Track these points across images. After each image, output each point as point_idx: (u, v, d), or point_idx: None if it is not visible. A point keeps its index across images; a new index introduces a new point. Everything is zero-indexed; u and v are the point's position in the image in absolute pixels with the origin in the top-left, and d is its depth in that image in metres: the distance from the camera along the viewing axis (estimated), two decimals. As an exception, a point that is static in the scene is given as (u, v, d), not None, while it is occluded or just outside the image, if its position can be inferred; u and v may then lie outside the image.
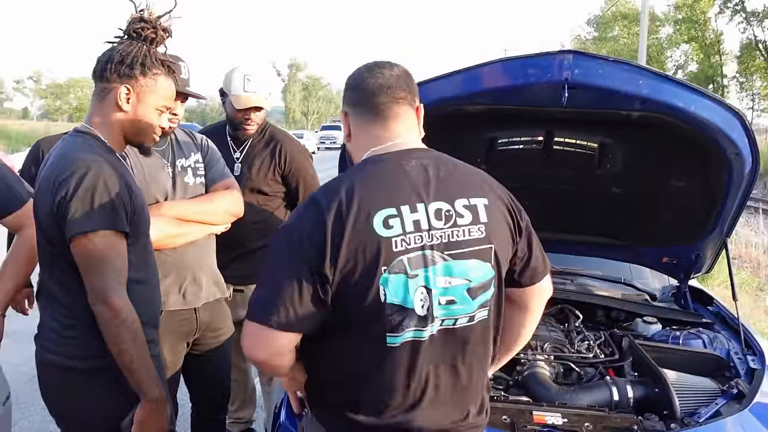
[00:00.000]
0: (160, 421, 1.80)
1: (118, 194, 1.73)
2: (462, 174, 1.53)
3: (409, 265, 1.40)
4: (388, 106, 1.51)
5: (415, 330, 1.43)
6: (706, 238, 2.84)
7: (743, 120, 2.33)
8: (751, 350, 2.52)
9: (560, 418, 2.04)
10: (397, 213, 1.40)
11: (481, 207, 1.48)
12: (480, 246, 1.46)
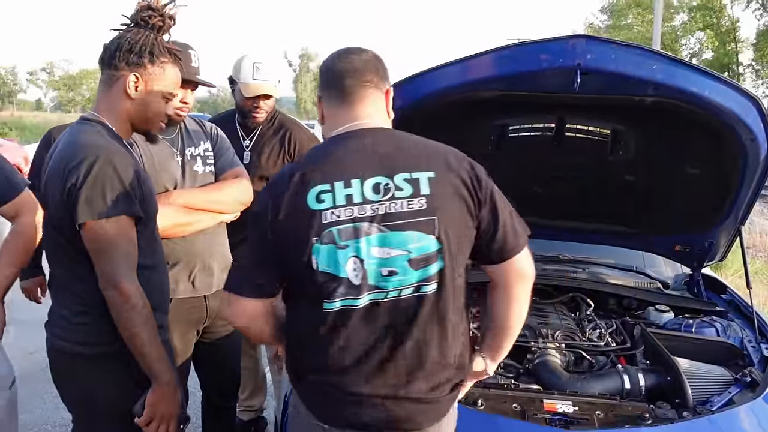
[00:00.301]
0: (172, 404, 1.83)
1: (128, 180, 1.74)
2: (411, 150, 1.57)
3: (338, 236, 1.50)
4: (354, 88, 1.59)
5: (349, 298, 1.52)
6: (720, 225, 2.81)
7: (759, 105, 2.29)
8: (765, 338, 2.50)
9: (571, 406, 2.03)
10: (330, 188, 1.50)
11: (424, 180, 1.51)
12: (420, 218, 1.50)
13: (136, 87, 1.83)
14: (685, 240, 2.99)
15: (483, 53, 2.26)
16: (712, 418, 1.97)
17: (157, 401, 1.80)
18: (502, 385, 2.21)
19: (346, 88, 1.60)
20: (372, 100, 1.61)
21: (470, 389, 2.10)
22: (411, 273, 1.50)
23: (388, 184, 1.51)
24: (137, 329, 1.72)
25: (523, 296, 1.62)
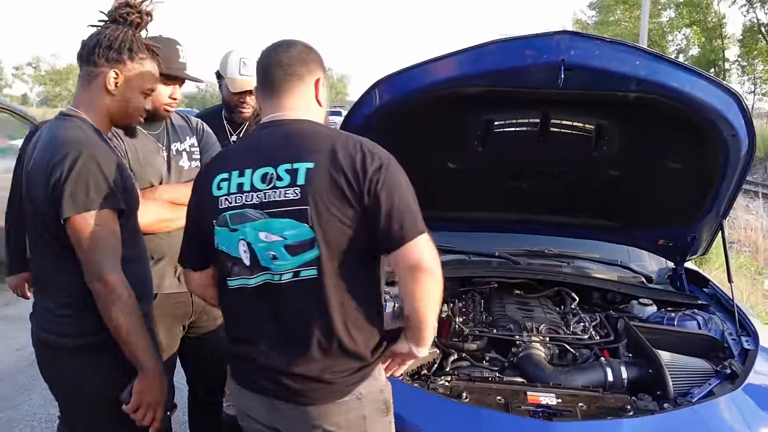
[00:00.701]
0: (158, 392, 1.87)
1: (110, 174, 1.78)
2: (301, 141, 1.65)
3: (230, 220, 1.66)
4: (279, 82, 1.71)
5: (243, 278, 1.68)
6: (702, 220, 2.84)
7: (740, 101, 2.32)
8: (746, 331, 2.54)
9: (554, 398, 2.06)
10: (228, 177, 1.67)
11: (303, 170, 1.59)
12: (293, 207, 1.59)
13: (115, 83, 1.87)
14: (668, 234, 3.02)
15: (468, 49, 2.27)
16: (692, 409, 2.00)
17: (144, 389, 1.84)
18: (487, 378, 2.23)
19: (272, 82, 1.71)
20: (297, 92, 1.72)
21: (455, 382, 2.15)
22: (288, 258, 1.61)
23: (272, 174, 1.62)
24: (123, 320, 1.76)
25: (419, 288, 1.60)
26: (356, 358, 1.65)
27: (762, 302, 6.47)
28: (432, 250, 1.61)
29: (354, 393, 1.66)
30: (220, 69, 3.12)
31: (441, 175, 2.90)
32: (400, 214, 1.58)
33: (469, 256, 3.30)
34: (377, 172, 1.59)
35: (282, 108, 1.71)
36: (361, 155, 1.60)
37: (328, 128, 1.71)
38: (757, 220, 10.36)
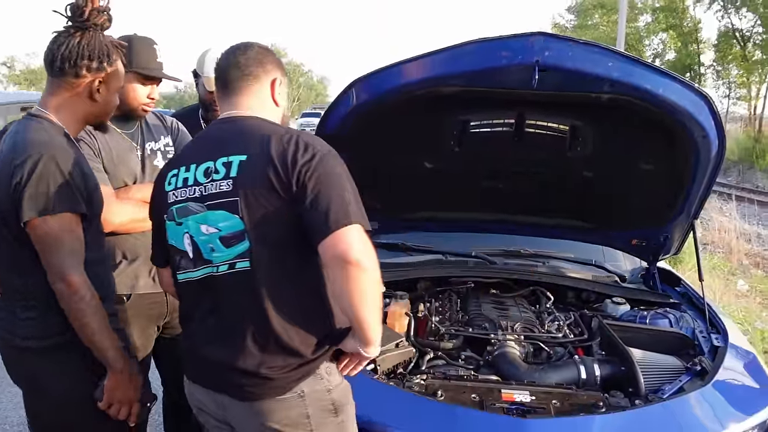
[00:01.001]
0: (129, 390, 1.88)
1: (72, 177, 1.77)
2: (240, 135, 1.69)
3: (176, 214, 1.71)
4: (234, 82, 1.76)
5: (189, 271, 1.71)
6: (674, 220, 2.89)
7: (710, 103, 2.36)
8: (715, 329, 2.58)
9: (528, 395, 2.08)
10: (177, 172, 1.73)
11: (236, 163, 1.63)
12: (225, 198, 1.62)
13: (98, 90, 1.88)
14: (642, 234, 3.07)
15: (444, 49, 2.28)
16: (662, 405, 2.04)
17: (114, 387, 1.85)
18: (462, 376, 2.24)
19: (228, 82, 1.77)
20: (252, 91, 1.77)
21: (430, 381, 2.16)
22: (224, 250, 1.64)
23: (212, 168, 1.66)
24: (87, 319, 1.76)
25: (349, 283, 1.54)
26: (294, 354, 1.63)
27: (735, 302, 6.58)
28: (364, 244, 1.55)
29: (295, 390, 1.65)
30: (197, 68, 3.10)
31: (418, 174, 2.92)
32: (327, 203, 1.55)
33: (445, 256, 3.32)
34: (308, 162, 1.58)
35: (236, 106, 1.76)
36: (294, 146, 1.60)
37: (273, 125, 1.72)
38: (731, 222, 10.53)
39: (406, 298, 2.79)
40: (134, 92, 2.36)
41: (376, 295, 1.61)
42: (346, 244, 1.52)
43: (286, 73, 1.85)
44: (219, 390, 1.69)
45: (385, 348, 2.26)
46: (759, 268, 8.49)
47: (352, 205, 1.58)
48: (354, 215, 1.56)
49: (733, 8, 28.27)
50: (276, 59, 1.82)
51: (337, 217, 1.54)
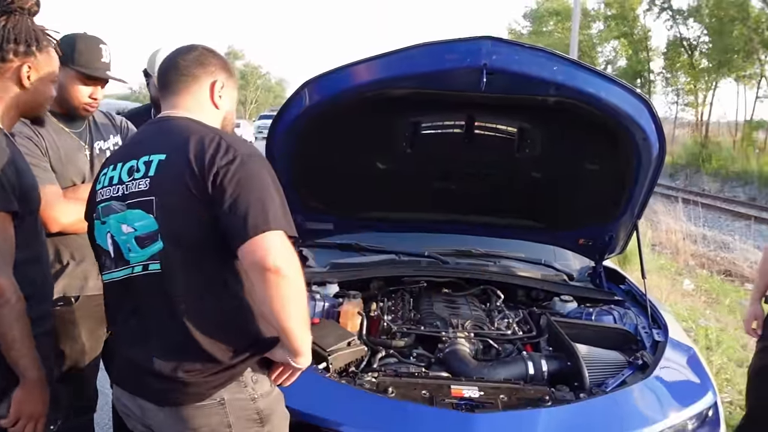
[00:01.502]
0: (39, 403, 1.78)
1: (3, 173, 1.71)
2: (163, 135, 1.67)
3: (101, 212, 1.69)
4: (173, 83, 1.74)
5: (112, 271, 1.69)
6: (619, 220, 2.98)
7: (650, 107, 2.46)
8: (657, 324, 2.67)
9: (477, 391, 2.12)
10: (106, 171, 1.72)
11: (155, 162, 1.61)
12: (142, 198, 1.60)
13: (29, 76, 1.82)
14: (588, 234, 3.16)
15: (395, 52, 2.32)
16: (605, 397, 2.10)
17: (24, 399, 1.75)
18: (413, 373, 2.27)
19: (168, 83, 1.75)
20: (190, 92, 1.74)
21: (381, 378, 2.18)
22: (139, 251, 1.61)
23: (135, 166, 1.64)
24: (8, 325, 1.68)
25: (270, 292, 1.49)
26: (211, 360, 1.59)
27: (681, 301, 6.80)
28: (285, 250, 1.51)
29: (215, 397, 1.60)
30: (147, 67, 3.08)
31: (371, 175, 2.95)
32: (246, 207, 1.50)
33: (398, 256, 3.36)
34: (228, 164, 1.54)
35: (173, 106, 1.74)
36: (214, 147, 1.56)
37: (203, 126, 1.67)
38: (678, 224, 10.86)
39: (359, 298, 2.82)
40: (76, 91, 2.33)
41: (300, 304, 1.56)
42: (265, 251, 1.47)
43: (234, 76, 1.82)
44: (139, 394, 1.66)
45: (337, 347, 2.28)
46: (704, 268, 8.77)
47: (273, 210, 1.53)
48: (275, 220, 1.51)
49: (681, 18, 29.19)
50: (220, 61, 1.79)
51: (255, 222, 1.49)
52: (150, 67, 3.04)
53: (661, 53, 32.61)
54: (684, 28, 29.75)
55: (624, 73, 33.16)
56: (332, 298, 2.81)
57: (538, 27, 39.16)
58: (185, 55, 1.75)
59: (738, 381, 4.49)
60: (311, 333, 2.13)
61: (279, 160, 2.73)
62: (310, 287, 2.90)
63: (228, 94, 1.79)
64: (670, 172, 24.61)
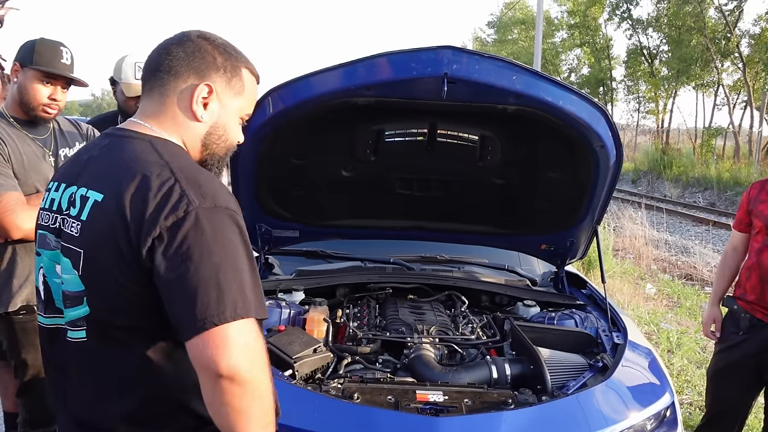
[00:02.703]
0: None
1: None
2: (109, 162, 1.30)
3: (38, 240, 1.40)
4: (146, 79, 1.40)
5: (41, 314, 1.40)
6: (579, 225, 3.04)
7: (606, 114, 2.52)
8: (617, 327, 2.74)
9: (441, 395, 2.14)
10: (51, 186, 1.42)
11: (90, 202, 1.26)
12: (72, 245, 1.27)
13: None
14: (550, 239, 3.22)
15: (356, 61, 2.34)
16: (566, 399, 2.14)
17: None
18: (379, 379, 2.29)
19: (143, 81, 1.41)
20: (163, 94, 1.37)
21: (347, 384, 2.20)
22: (62, 308, 1.32)
23: (74, 196, 1.31)
24: None
25: (217, 397, 1.15)
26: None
27: (643, 305, 6.93)
28: (246, 347, 1.15)
29: None
30: (114, 74, 3.06)
31: (335, 182, 2.97)
32: (194, 288, 1.13)
33: (364, 263, 3.38)
34: (175, 226, 1.16)
35: (141, 113, 1.40)
36: (162, 197, 1.17)
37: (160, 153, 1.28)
38: (641, 229, 11.09)
39: (324, 305, 2.82)
40: (35, 91, 2.32)
41: (263, 418, 1.20)
42: (216, 350, 1.12)
43: (243, 80, 1.42)
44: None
45: (303, 353, 2.29)
46: (666, 273, 8.96)
47: (234, 292, 1.15)
48: (235, 306, 1.14)
49: (641, 28, 29.86)
50: (222, 58, 1.38)
51: (205, 312, 1.12)
52: (116, 73, 3.03)
53: (623, 61, 33.31)
54: (644, 37, 30.45)
55: (587, 80, 33.83)
56: (298, 306, 2.81)
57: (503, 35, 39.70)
58: (176, 44, 1.37)
59: (698, 383, 4.61)
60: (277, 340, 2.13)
61: (243, 167, 2.74)
62: (277, 295, 2.90)
63: (224, 103, 1.40)
64: (633, 178, 25.11)
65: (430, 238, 3.35)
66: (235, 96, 1.42)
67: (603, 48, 33.24)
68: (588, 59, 34.45)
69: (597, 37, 33.33)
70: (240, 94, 1.43)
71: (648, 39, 30.48)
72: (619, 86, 34.26)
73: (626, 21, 30.63)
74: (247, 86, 1.45)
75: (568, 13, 33.43)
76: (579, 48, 34.73)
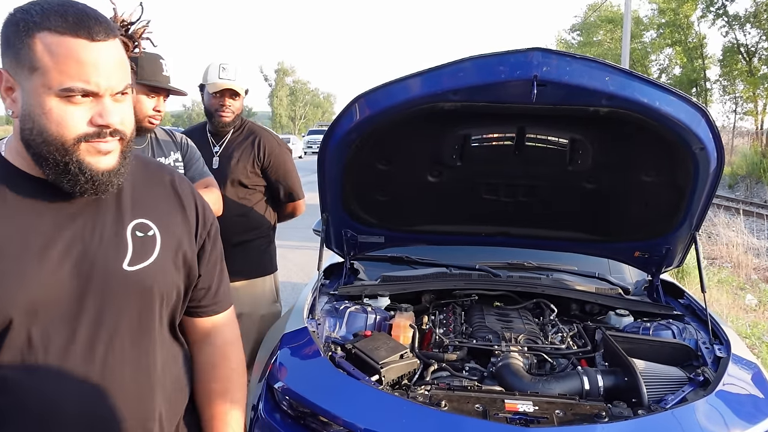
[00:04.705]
0: None
1: None
2: None
3: None
4: None
5: None
6: (676, 232, 2.91)
7: (707, 115, 2.39)
8: (718, 339, 2.59)
9: (531, 406, 2.09)
10: None
11: None
12: None
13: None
14: (644, 247, 3.09)
15: (444, 65, 2.33)
16: (664, 414, 2.04)
17: None
18: (466, 387, 2.26)
19: None
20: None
21: (434, 391, 2.18)
22: None
23: None
24: None
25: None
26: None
27: (743, 317, 6.56)
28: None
29: None
30: (202, 79, 3.19)
31: (421, 188, 2.96)
32: None
33: (449, 269, 3.35)
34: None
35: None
36: None
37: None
38: (738, 236, 10.50)
39: (410, 311, 2.82)
40: (140, 104, 2.44)
41: None
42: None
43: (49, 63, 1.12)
44: None
45: (390, 359, 2.30)
46: (767, 283, 8.45)
47: None
48: None
49: (737, 24, 28.35)
50: (9, 32, 1.14)
51: None
52: (204, 78, 3.16)
53: (718, 61, 31.71)
54: (741, 34, 28.89)
55: (679, 81, 32.40)
56: (384, 311, 2.82)
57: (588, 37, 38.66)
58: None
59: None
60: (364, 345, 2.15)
61: (330, 174, 2.78)
62: (362, 300, 2.93)
63: (23, 87, 1.15)
64: (730, 183, 23.83)
65: (517, 244, 3.29)
66: (30, 73, 1.14)
67: (696, 47, 31.76)
68: (680, 59, 33.00)
69: (689, 36, 31.90)
70: (35, 69, 1.13)
71: (746, 36, 28.90)
72: (714, 86, 32.65)
73: (721, 18, 29.15)
74: (44, 54, 1.12)
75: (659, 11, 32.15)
76: (670, 47, 33.33)
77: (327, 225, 3.02)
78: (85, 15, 1.15)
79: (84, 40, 1.13)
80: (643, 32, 34.17)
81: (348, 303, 2.83)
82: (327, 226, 3.03)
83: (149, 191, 1.42)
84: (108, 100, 1.18)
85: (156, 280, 1.34)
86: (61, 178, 1.20)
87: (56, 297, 1.21)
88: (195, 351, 1.57)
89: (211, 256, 1.53)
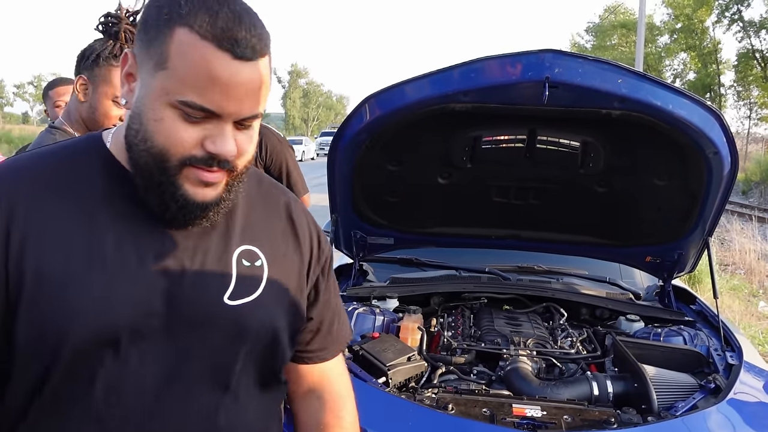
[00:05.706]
0: None
1: None
2: None
3: None
4: None
5: None
6: (688, 237, 2.87)
7: (721, 119, 2.36)
8: (730, 346, 2.55)
9: (539, 410, 2.07)
10: None
11: None
12: None
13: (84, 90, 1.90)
14: (655, 251, 3.05)
15: (454, 66, 2.32)
16: (674, 422, 2.02)
17: None
18: (474, 390, 2.24)
19: None
20: None
21: (441, 394, 2.17)
22: None
23: None
24: None
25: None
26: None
27: (756, 324, 6.50)
28: None
29: None
30: None
31: (430, 190, 2.95)
32: None
33: (459, 272, 3.34)
34: None
35: None
36: None
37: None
38: (752, 242, 10.41)
39: (419, 313, 2.81)
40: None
41: None
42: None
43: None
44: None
45: (397, 361, 2.28)
46: (781, 290, 8.37)
47: None
48: None
49: (753, 30, 28.15)
50: (151, 12, 1.01)
51: None
52: None
53: (732, 66, 31.51)
54: (756, 39, 28.68)
55: (693, 86, 32.24)
56: (392, 313, 2.81)
57: (601, 41, 38.53)
58: None
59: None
60: (371, 346, 2.14)
61: (340, 174, 2.77)
62: (371, 301, 2.92)
63: (143, 80, 1.02)
64: (744, 189, 23.65)
65: (527, 247, 3.26)
66: (155, 70, 0.98)
67: (710, 52, 31.57)
68: (694, 64, 32.83)
69: (704, 41, 31.71)
70: (162, 68, 0.97)
71: (761, 42, 28.68)
72: (728, 92, 32.43)
73: (736, 23, 28.96)
74: (176, 54, 0.96)
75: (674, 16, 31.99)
76: (684, 52, 33.16)
77: (336, 226, 3.01)
78: (238, 22, 0.96)
79: (226, 54, 0.95)
80: (657, 37, 34.01)
81: (356, 304, 2.82)
82: (336, 227, 3.02)
83: (261, 213, 1.22)
84: (229, 127, 1.01)
85: (256, 320, 1.12)
86: (151, 197, 1.04)
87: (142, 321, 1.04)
88: (298, 407, 1.33)
89: (324, 294, 1.31)
